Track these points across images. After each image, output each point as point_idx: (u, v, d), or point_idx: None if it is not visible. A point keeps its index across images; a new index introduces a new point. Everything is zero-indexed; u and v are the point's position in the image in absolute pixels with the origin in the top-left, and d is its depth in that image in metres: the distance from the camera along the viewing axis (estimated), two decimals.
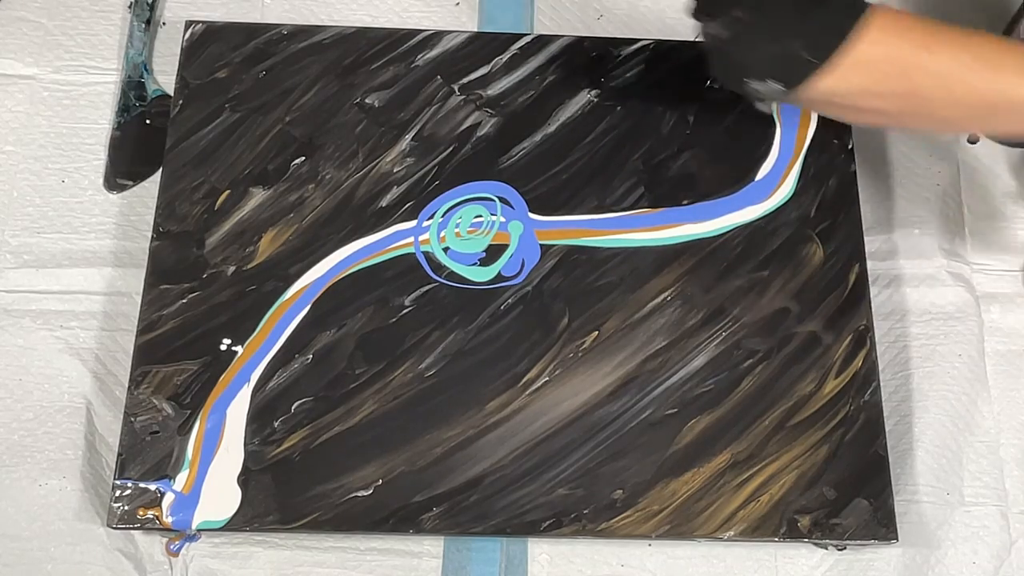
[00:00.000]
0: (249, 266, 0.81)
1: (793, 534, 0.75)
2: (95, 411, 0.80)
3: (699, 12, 0.67)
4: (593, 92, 0.87)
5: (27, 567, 0.76)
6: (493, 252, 0.82)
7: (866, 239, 0.84)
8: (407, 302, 0.80)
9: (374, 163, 0.85)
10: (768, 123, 0.87)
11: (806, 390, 0.79)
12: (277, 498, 0.74)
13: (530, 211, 0.83)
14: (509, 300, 0.80)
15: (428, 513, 0.74)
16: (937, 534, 0.79)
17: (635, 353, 0.79)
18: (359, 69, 0.88)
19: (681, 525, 0.75)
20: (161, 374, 0.77)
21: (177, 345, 0.78)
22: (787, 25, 0.63)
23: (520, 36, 0.89)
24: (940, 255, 0.87)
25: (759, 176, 0.85)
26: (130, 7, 0.93)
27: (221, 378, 0.77)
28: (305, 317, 0.79)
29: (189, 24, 0.88)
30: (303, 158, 0.84)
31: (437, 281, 0.81)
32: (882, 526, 0.75)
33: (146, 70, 0.91)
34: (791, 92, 0.66)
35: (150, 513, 0.74)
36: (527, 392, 0.78)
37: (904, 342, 0.85)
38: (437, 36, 0.89)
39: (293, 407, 0.77)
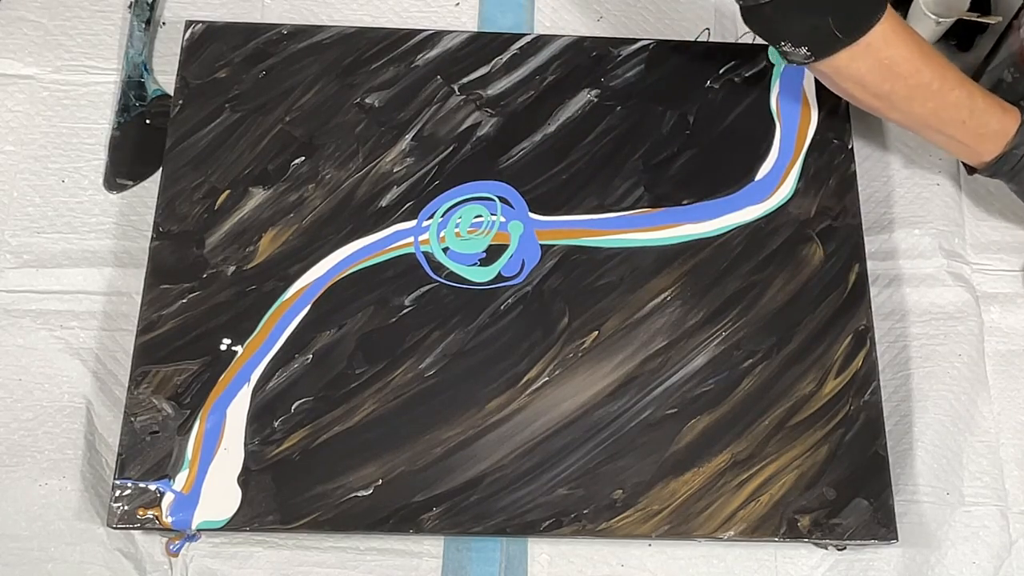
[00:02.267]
0: (249, 266, 0.81)
1: (793, 534, 0.75)
2: (95, 411, 0.80)
3: None
4: (593, 92, 0.87)
5: (27, 567, 0.76)
6: (493, 252, 0.82)
7: (866, 239, 0.84)
8: (407, 302, 0.80)
9: (374, 163, 0.85)
10: (768, 123, 0.87)
11: (806, 390, 0.79)
12: (277, 498, 0.74)
13: (530, 211, 0.83)
14: (509, 300, 0.80)
15: (428, 513, 0.74)
16: (937, 534, 0.79)
17: (635, 353, 0.79)
18: (359, 69, 0.88)
19: (681, 525, 0.75)
20: (161, 374, 0.77)
21: (177, 345, 0.78)
22: (825, 4, 0.72)
23: (520, 36, 0.89)
24: (940, 255, 0.87)
25: (759, 176, 0.85)
26: (130, 7, 0.93)
27: (221, 378, 0.77)
28: (305, 317, 0.79)
29: (189, 24, 0.88)
30: (303, 158, 0.84)
31: (437, 281, 0.81)
32: (882, 526, 0.75)
33: (146, 70, 0.91)
34: (814, 60, 0.75)
35: (150, 513, 0.74)
36: (527, 392, 0.78)
37: (904, 342, 0.85)
38: (437, 36, 0.89)
39: (293, 407, 0.77)
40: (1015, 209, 0.88)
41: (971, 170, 0.85)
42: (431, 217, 0.83)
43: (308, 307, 0.80)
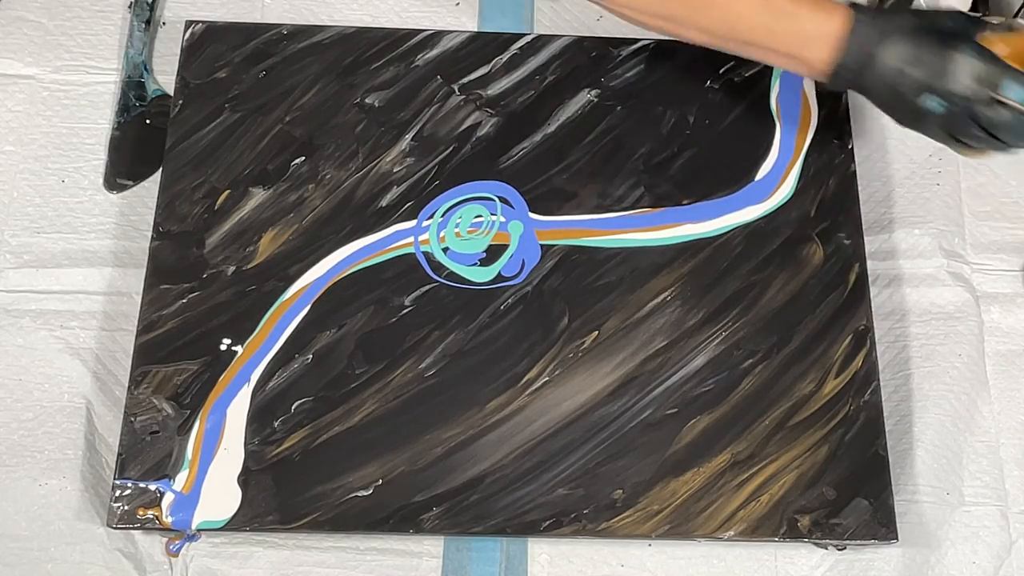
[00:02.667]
0: (249, 266, 0.81)
1: (793, 534, 0.75)
2: (95, 411, 0.80)
3: None
4: (593, 92, 0.87)
5: (27, 567, 0.76)
6: (493, 252, 0.82)
7: (866, 239, 0.84)
8: (407, 302, 0.80)
9: (374, 163, 0.85)
10: (768, 123, 0.87)
11: (806, 390, 0.79)
12: (277, 498, 0.74)
13: (530, 211, 0.83)
14: (509, 300, 0.80)
15: (428, 513, 0.74)
16: (937, 534, 0.79)
17: (635, 353, 0.79)
18: (359, 69, 0.88)
19: (681, 525, 0.75)
20: (161, 374, 0.77)
21: (177, 345, 0.78)
22: None
23: (520, 36, 0.89)
24: (940, 255, 0.87)
25: (759, 176, 0.85)
26: (130, 7, 0.93)
27: (221, 378, 0.77)
28: (305, 317, 0.79)
29: (189, 24, 0.88)
30: (303, 158, 0.84)
31: (437, 281, 0.81)
32: (882, 526, 0.75)
33: (146, 70, 0.91)
34: None
35: (150, 513, 0.74)
36: (527, 392, 0.78)
37: (904, 342, 0.85)
38: (437, 36, 0.89)
39: (293, 407, 0.77)
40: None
41: (822, 86, 0.79)
42: (431, 217, 0.83)
43: (308, 307, 0.80)
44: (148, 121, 0.89)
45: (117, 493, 0.74)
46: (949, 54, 0.68)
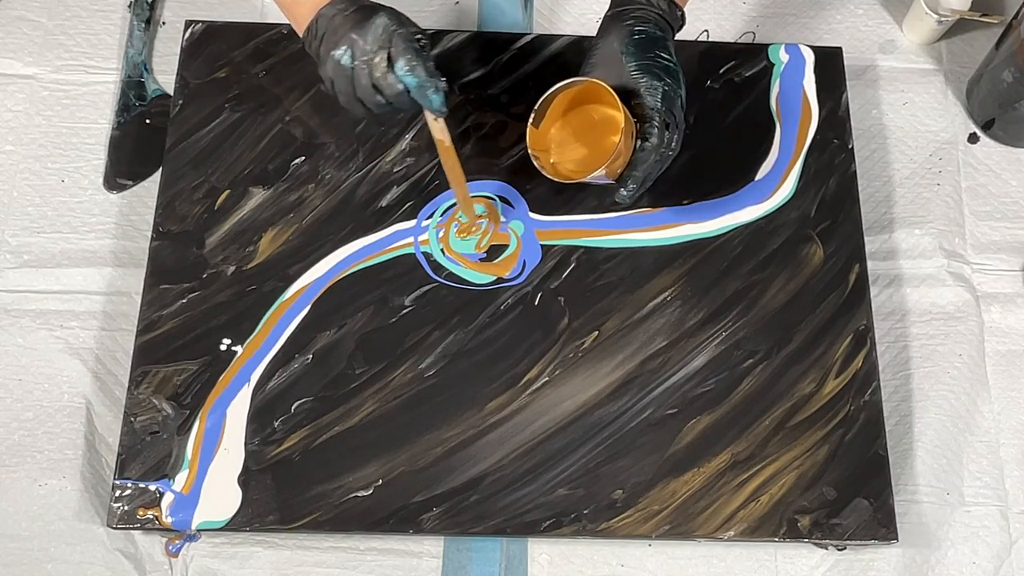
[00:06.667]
0: (249, 266, 0.81)
1: (793, 534, 0.75)
2: (95, 411, 0.80)
3: None
4: None
5: (27, 567, 0.76)
6: (493, 252, 0.82)
7: (866, 239, 0.84)
8: (407, 302, 0.80)
9: (374, 163, 0.84)
10: (768, 123, 0.87)
11: (806, 390, 0.79)
12: (277, 498, 0.74)
13: (530, 211, 0.83)
14: (509, 300, 0.80)
15: (428, 513, 0.74)
16: (937, 534, 0.80)
17: (635, 353, 0.79)
18: None
19: (681, 525, 0.75)
20: (161, 374, 0.77)
21: (177, 345, 0.78)
22: None
23: (520, 36, 0.89)
24: (940, 255, 0.87)
25: (759, 176, 0.85)
26: (130, 7, 0.93)
27: (221, 378, 0.77)
28: (305, 317, 0.79)
29: (189, 24, 0.88)
30: (303, 158, 0.84)
31: (437, 281, 0.81)
32: (882, 526, 0.75)
33: (146, 70, 0.91)
34: None
35: (150, 513, 0.74)
36: (527, 392, 0.78)
37: (904, 342, 0.85)
38: (437, 36, 0.89)
39: (293, 407, 0.77)
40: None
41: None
42: (431, 217, 0.83)
43: (308, 307, 0.80)
44: (148, 121, 0.89)
45: (117, 493, 0.74)
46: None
